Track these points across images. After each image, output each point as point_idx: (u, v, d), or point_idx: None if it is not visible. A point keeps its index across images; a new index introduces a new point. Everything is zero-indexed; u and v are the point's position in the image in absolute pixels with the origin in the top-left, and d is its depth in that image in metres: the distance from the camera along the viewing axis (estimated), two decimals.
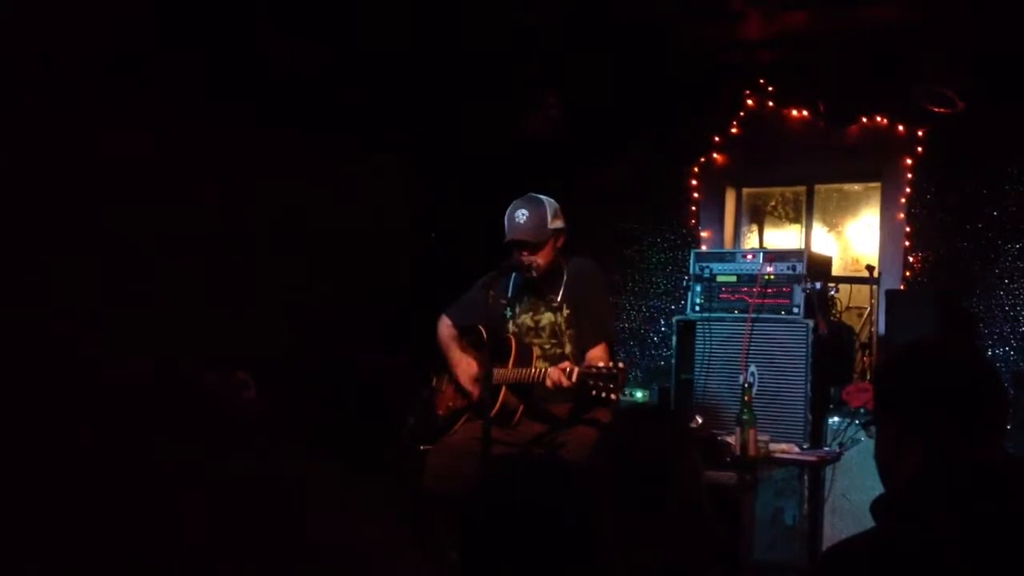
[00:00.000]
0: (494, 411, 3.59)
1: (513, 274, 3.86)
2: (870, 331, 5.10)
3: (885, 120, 5.62)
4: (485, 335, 3.79)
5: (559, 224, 3.79)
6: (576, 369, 3.49)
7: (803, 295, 4.69)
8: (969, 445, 1.64)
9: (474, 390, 3.85)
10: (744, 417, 3.87)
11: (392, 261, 5.19)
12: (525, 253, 3.74)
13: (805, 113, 5.84)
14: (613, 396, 3.39)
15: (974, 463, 1.61)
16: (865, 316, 5.29)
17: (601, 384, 3.39)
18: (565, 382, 3.48)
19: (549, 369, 3.59)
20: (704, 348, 4.88)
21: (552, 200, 3.83)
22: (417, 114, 5.26)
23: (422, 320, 4.16)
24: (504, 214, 3.83)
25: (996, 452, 1.68)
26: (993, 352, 5.22)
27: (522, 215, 3.74)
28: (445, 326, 4.06)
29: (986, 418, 1.68)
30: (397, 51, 5.14)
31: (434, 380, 4.06)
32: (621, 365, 3.42)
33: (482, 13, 5.23)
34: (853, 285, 5.63)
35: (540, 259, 3.75)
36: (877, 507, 1.63)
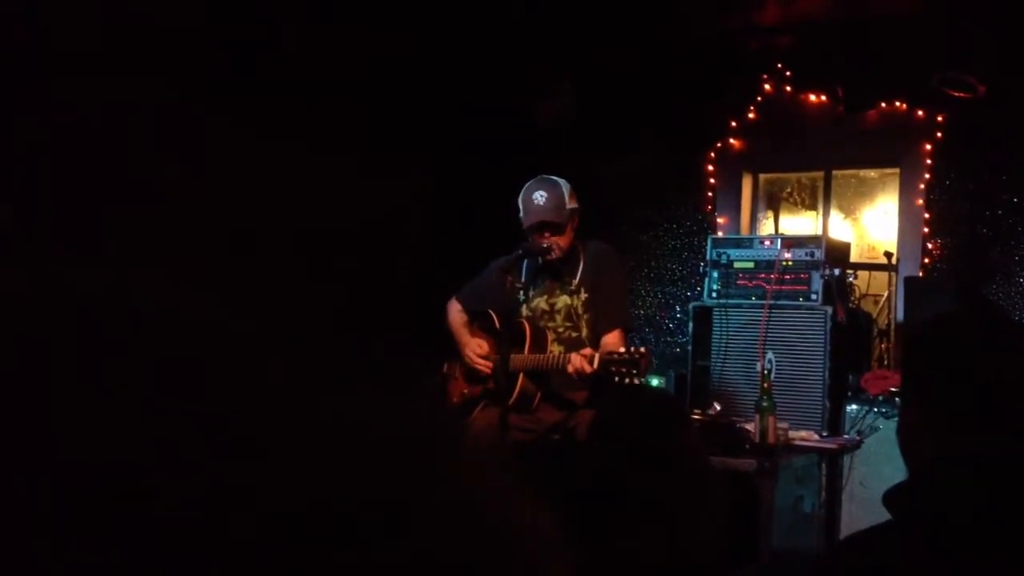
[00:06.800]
0: (512, 399, 3.56)
1: (526, 258, 3.77)
2: (888, 318, 5.06)
3: (904, 105, 5.55)
4: (497, 320, 3.73)
5: (575, 204, 3.71)
6: (598, 355, 3.42)
7: (821, 281, 4.65)
8: (994, 431, 1.47)
9: (485, 370, 3.76)
10: (763, 404, 3.83)
11: (402, 250, 5.16)
12: (547, 235, 3.65)
13: (823, 98, 5.78)
14: (637, 382, 3.34)
15: (996, 452, 1.44)
16: (883, 303, 5.25)
17: (624, 370, 3.34)
18: (587, 368, 3.41)
19: (571, 355, 3.49)
20: (721, 335, 4.85)
21: (565, 180, 3.76)
22: (429, 102, 5.22)
23: (433, 307, 4.10)
24: (517, 199, 3.76)
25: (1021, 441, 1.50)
26: None
27: (541, 196, 3.65)
28: (455, 310, 3.97)
29: (1015, 402, 1.49)
30: (408, 38, 5.10)
31: (445, 366, 3.96)
32: (643, 350, 3.37)
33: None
34: (871, 272, 5.58)
35: (562, 241, 3.67)
36: (890, 497, 1.47)
